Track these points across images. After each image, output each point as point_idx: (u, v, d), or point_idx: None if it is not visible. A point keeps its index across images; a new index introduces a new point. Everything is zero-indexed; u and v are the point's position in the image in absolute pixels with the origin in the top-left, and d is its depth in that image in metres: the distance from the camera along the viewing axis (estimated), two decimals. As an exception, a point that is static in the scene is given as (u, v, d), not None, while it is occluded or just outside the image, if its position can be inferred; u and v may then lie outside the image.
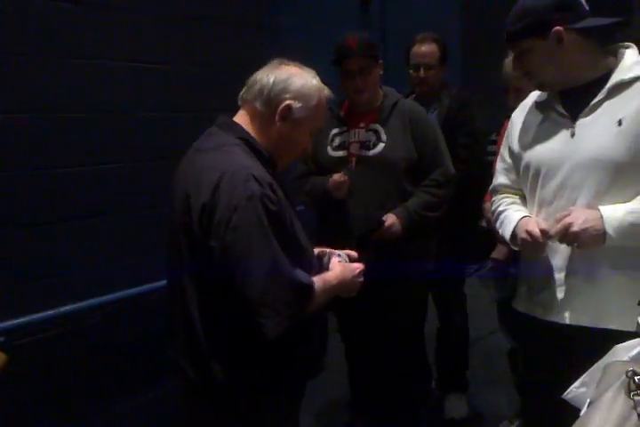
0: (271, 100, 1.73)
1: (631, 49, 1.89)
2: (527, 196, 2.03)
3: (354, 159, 2.65)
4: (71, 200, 2.54)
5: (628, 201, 1.81)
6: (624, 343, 1.55)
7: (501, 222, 2.06)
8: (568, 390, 1.63)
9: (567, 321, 1.91)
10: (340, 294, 1.83)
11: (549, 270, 1.94)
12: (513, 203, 2.09)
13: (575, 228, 1.77)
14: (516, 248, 2.01)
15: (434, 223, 2.74)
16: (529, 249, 1.93)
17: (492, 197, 2.20)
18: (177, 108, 2.92)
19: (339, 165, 2.66)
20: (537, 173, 1.95)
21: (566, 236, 1.79)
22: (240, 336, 1.63)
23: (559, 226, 1.81)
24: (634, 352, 1.49)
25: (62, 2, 2.47)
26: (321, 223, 2.76)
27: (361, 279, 1.84)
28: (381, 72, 2.68)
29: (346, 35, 2.62)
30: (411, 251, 2.65)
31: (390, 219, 2.57)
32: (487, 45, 2.06)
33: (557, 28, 1.81)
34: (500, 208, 2.10)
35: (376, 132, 2.67)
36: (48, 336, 2.48)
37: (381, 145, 2.63)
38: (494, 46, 2.34)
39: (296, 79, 1.74)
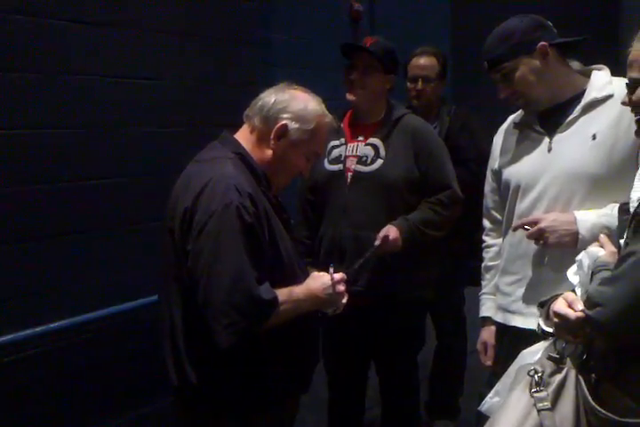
0: (269, 119, 1.78)
1: (603, 71, 2.02)
2: (507, 211, 2.09)
3: (349, 175, 2.52)
4: (63, 215, 2.54)
5: None
6: (530, 348, 1.63)
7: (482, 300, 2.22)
8: (483, 401, 1.69)
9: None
10: (319, 308, 1.83)
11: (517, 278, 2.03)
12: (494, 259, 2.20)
13: (542, 224, 1.88)
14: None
15: (434, 249, 2.60)
16: None
17: (483, 221, 2.26)
18: (171, 124, 2.93)
19: (333, 179, 2.53)
20: (517, 188, 2.04)
21: (533, 233, 1.90)
22: (213, 340, 1.64)
23: (526, 219, 1.94)
24: (538, 355, 1.57)
25: (56, 20, 2.48)
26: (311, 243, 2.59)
27: (336, 291, 1.79)
28: (388, 86, 2.58)
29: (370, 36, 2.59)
30: (411, 279, 2.51)
31: (392, 232, 2.38)
32: (476, 61, 2.11)
33: (542, 43, 1.94)
34: (489, 264, 2.22)
35: (375, 147, 2.51)
36: (37, 353, 2.46)
37: (379, 161, 2.48)
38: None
39: (297, 102, 1.79)
